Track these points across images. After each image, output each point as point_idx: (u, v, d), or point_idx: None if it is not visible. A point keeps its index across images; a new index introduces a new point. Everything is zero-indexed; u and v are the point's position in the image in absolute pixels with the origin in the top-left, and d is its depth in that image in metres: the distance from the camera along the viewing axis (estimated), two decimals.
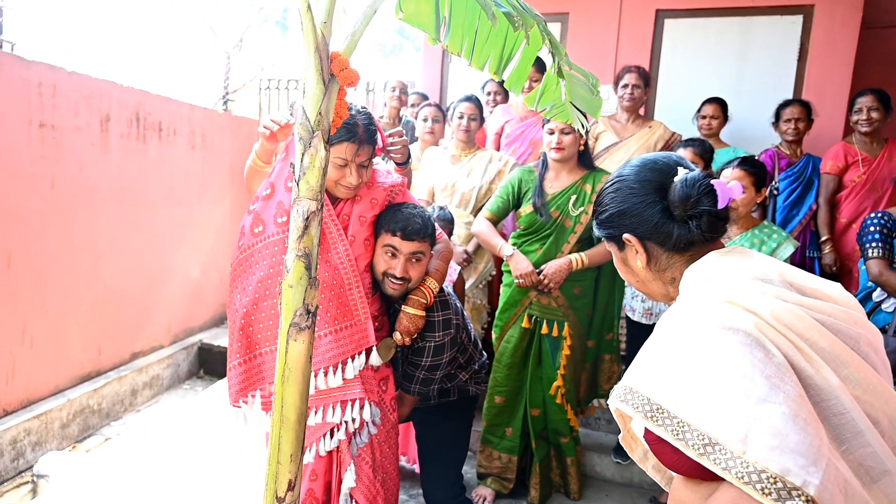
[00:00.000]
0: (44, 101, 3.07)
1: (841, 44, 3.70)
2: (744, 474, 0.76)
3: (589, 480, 2.94)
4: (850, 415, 0.82)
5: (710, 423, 0.80)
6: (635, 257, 1.08)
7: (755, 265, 0.95)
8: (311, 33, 1.18)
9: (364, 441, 1.79)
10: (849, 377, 0.85)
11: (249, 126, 5.15)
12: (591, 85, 1.58)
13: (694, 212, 0.99)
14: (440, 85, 4.63)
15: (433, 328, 1.83)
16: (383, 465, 1.84)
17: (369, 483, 1.79)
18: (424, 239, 1.79)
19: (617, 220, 1.08)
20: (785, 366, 0.82)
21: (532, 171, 2.64)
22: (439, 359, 1.88)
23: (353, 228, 1.77)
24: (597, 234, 1.18)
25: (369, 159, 1.72)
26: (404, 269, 1.77)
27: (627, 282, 1.17)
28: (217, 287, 4.77)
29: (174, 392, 4.03)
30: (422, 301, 1.81)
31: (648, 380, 0.90)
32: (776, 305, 0.87)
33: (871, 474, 0.82)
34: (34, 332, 3.11)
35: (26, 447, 2.98)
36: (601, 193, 1.13)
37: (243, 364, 1.75)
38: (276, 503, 1.26)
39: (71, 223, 3.30)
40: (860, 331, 0.89)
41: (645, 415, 0.87)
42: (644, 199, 1.04)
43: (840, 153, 3.24)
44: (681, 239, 1.01)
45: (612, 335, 2.77)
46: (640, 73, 3.26)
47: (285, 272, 1.24)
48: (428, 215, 1.85)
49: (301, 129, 1.22)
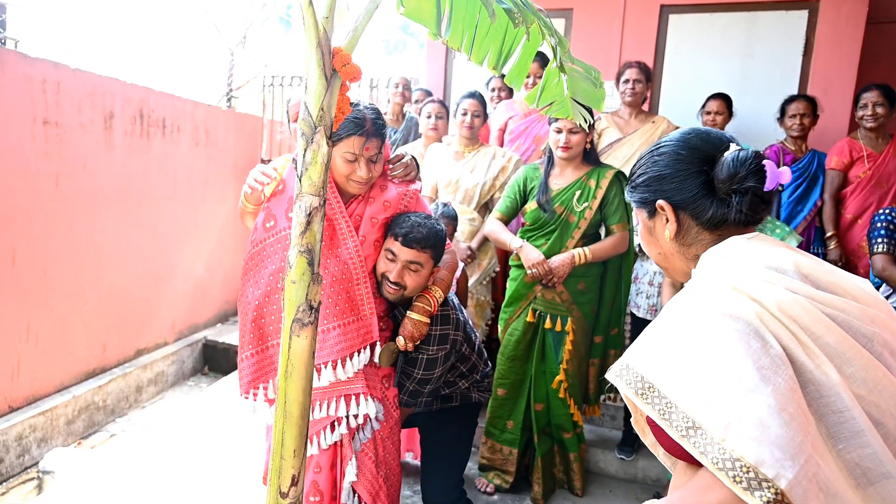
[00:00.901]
0: (47, 98, 3.08)
1: (846, 39, 3.67)
2: (719, 460, 0.77)
3: (593, 476, 2.94)
4: (849, 413, 0.81)
5: (696, 407, 0.81)
6: (664, 227, 1.05)
7: (772, 254, 0.93)
8: (312, 29, 1.18)
9: (367, 437, 1.79)
10: (854, 375, 0.83)
11: (253, 123, 5.16)
12: (594, 78, 1.57)
13: (738, 187, 0.96)
14: (444, 81, 4.62)
15: (428, 341, 1.83)
16: (386, 461, 1.85)
17: (372, 478, 1.80)
18: (425, 249, 1.76)
19: (655, 184, 1.04)
20: (781, 358, 0.81)
21: (537, 169, 2.66)
22: (430, 373, 1.86)
23: (364, 229, 1.78)
24: (628, 198, 1.14)
25: (378, 153, 1.72)
26: (399, 274, 1.76)
27: (648, 253, 1.14)
28: (221, 284, 4.78)
29: (179, 389, 4.05)
30: (427, 308, 1.80)
31: (645, 358, 0.90)
32: (783, 296, 0.86)
33: (869, 476, 0.80)
34: (39, 329, 3.13)
35: (32, 443, 3.00)
36: (644, 156, 1.09)
37: (255, 355, 1.78)
38: (279, 498, 1.27)
39: (75, 220, 3.31)
40: (876, 329, 0.86)
41: (636, 391, 0.87)
42: (689, 168, 1.01)
43: (845, 149, 3.22)
44: (716, 216, 0.99)
45: (618, 330, 2.77)
46: (641, 67, 3.26)
47: (288, 268, 1.25)
48: (439, 228, 1.82)
49: (303, 124, 1.22)
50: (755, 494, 0.75)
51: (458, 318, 1.93)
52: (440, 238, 1.83)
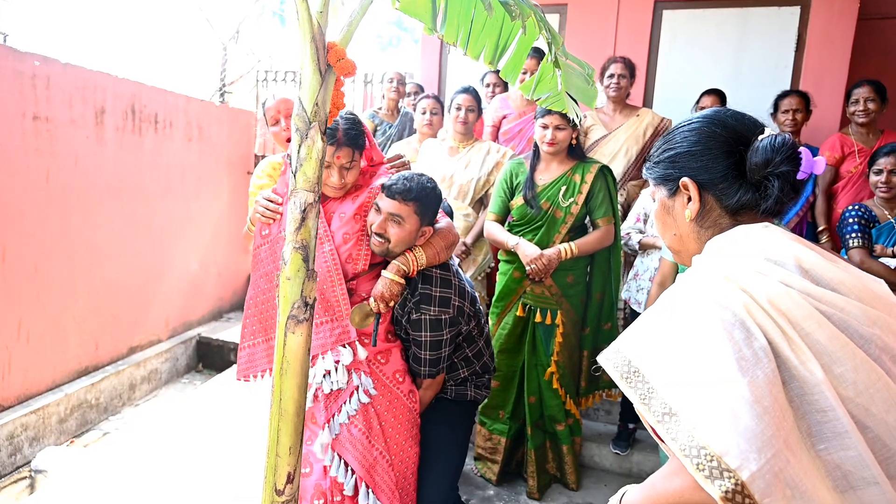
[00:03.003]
0: (38, 93, 3.05)
1: (838, 35, 3.69)
2: (686, 447, 0.78)
3: (588, 471, 2.96)
4: (833, 413, 0.79)
5: (673, 394, 0.82)
6: (685, 206, 1.01)
7: (774, 245, 0.91)
8: (307, 23, 1.17)
9: (354, 409, 1.81)
10: (843, 376, 0.81)
11: (246, 118, 5.13)
12: (587, 75, 1.57)
13: (770, 172, 0.93)
14: (438, 77, 4.60)
15: (429, 301, 1.83)
16: (394, 439, 1.85)
17: (364, 450, 1.80)
18: (407, 202, 1.78)
19: (684, 160, 1.00)
20: (765, 350, 0.80)
21: (521, 163, 2.69)
22: (438, 335, 1.85)
23: (333, 224, 1.86)
24: (647, 174, 1.09)
25: (351, 160, 1.80)
26: (381, 225, 1.79)
27: (662, 236, 1.10)
28: (215, 281, 4.76)
29: (173, 386, 4.03)
30: (402, 268, 1.81)
31: (634, 343, 0.91)
32: (775, 289, 0.84)
33: (850, 479, 0.79)
34: (30, 327, 3.10)
35: (24, 442, 2.98)
36: (673, 130, 1.04)
37: (264, 343, 1.86)
38: (275, 496, 1.26)
39: (67, 217, 3.28)
40: (876, 332, 0.84)
41: (622, 375, 0.88)
42: (721, 147, 0.97)
43: (837, 144, 3.24)
44: (742, 200, 0.96)
45: (611, 325, 2.78)
46: (626, 62, 3.28)
47: (282, 264, 1.24)
48: (428, 186, 1.84)
49: (298, 120, 1.21)
50: (715, 483, 0.75)
51: (462, 287, 1.91)
52: (426, 194, 1.83)
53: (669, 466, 0.87)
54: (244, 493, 2.53)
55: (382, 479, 1.83)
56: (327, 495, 1.81)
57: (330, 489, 1.82)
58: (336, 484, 1.82)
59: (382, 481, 1.83)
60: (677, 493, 0.84)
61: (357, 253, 1.85)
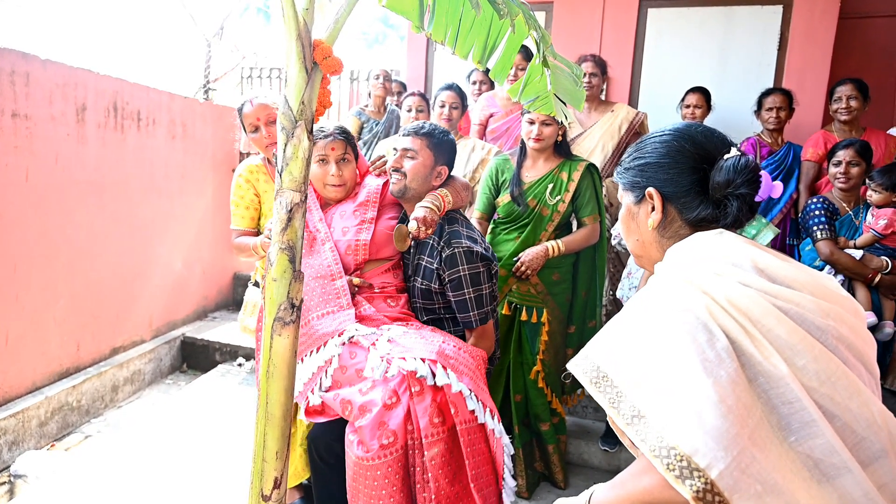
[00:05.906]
0: (16, 90, 2.98)
1: (820, 33, 3.74)
2: (656, 448, 0.80)
3: (577, 468, 2.96)
4: (799, 403, 0.82)
5: (641, 397, 0.84)
6: (648, 215, 1.05)
7: (729, 249, 0.95)
8: (292, 20, 1.15)
9: (394, 334, 1.76)
10: (805, 367, 0.84)
11: (231, 115, 5.06)
12: (575, 76, 1.57)
13: (730, 192, 0.97)
14: (425, 74, 4.59)
15: (459, 235, 1.90)
16: (462, 371, 1.71)
17: (425, 339, 1.75)
18: (419, 136, 1.96)
19: (651, 171, 1.04)
20: (727, 350, 0.83)
21: (507, 160, 2.68)
22: (479, 289, 1.90)
23: (335, 222, 1.97)
24: (617, 178, 1.12)
25: (345, 152, 1.95)
26: (397, 161, 1.96)
27: (625, 239, 1.14)
28: (200, 279, 4.70)
29: (156, 387, 3.98)
30: (435, 202, 1.92)
31: (601, 349, 0.93)
32: (734, 290, 0.87)
33: (821, 467, 0.80)
34: (9, 329, 3.04)
35: (3, 446, 2.92)
36: (645, 139, 1.09)
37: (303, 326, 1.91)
38: (261, 501, 1.25)
39: (47, 216, 3.22)
40: (831, 323, 0.88)
41: (591, 380, 0.91)
42: (688, 162, 1.01)
43: (820, 141, 3.28)
44: (701, 215, 1.00)
45: (595, 323, 2.78)
46: (597, 61, 3.30)
47: (268, 265, 1.22)
48: (440, 129, 2.02)
49: (283, 118, 1.19)
50: (686, 483, 0.77)
51: (484, 255, 1.91)
52: (438, 132, 2.00)
53: (638, 465, 0.90)
54: (230, 498, 2.50)
55: (455, 359, 1.72)
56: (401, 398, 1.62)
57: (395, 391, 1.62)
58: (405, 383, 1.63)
59: (456, 361, 1.71)
60: (647, 491, 0.87)
61: (356, 243, 1.94)
